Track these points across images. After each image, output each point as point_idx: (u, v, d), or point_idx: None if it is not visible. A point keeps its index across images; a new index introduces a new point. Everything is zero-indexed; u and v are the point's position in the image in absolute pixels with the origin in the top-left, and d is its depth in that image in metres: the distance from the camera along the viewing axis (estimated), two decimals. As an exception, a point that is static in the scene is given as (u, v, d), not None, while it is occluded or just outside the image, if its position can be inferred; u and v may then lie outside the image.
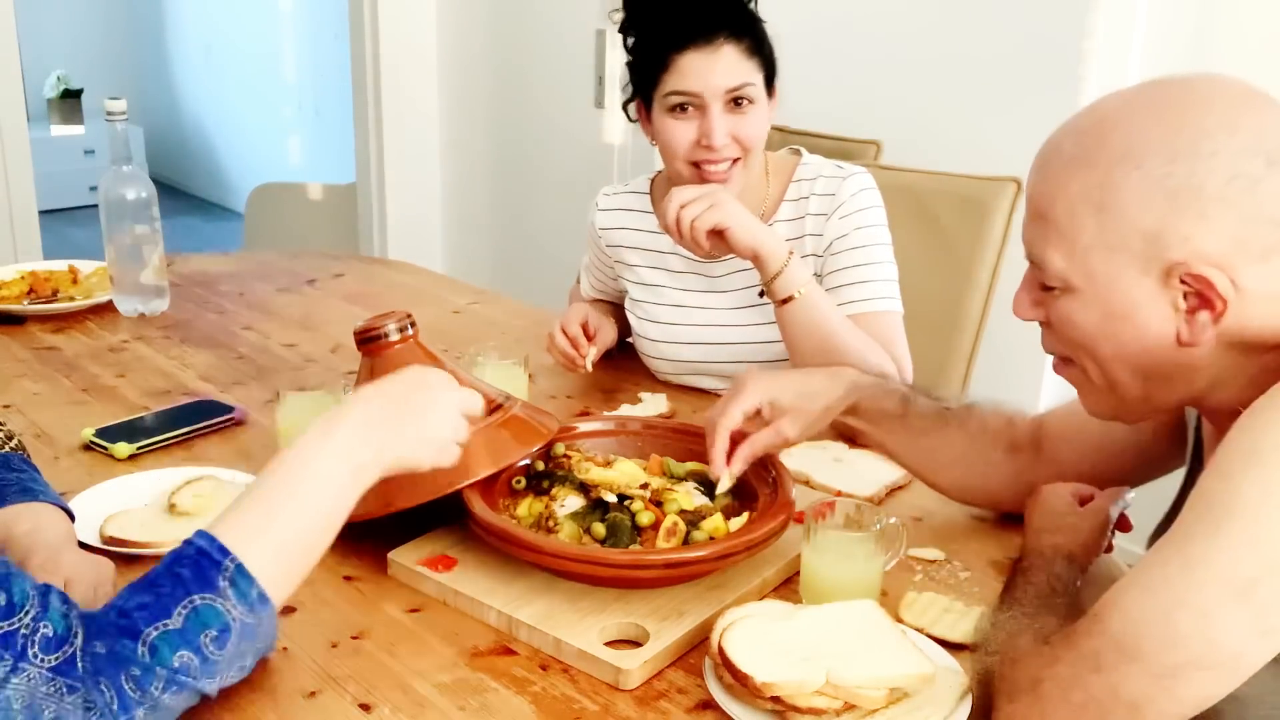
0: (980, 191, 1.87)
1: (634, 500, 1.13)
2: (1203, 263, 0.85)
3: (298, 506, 0.91)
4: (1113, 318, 0.91)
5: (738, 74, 1.49)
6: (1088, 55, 2.39)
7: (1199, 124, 0.86)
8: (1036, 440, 1.23)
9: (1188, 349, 0.89)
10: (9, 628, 0.77)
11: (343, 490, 0.94)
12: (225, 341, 1.87)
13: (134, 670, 0.80)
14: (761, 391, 1.19)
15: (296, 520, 0.91)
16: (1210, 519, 0.81)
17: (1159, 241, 0.86)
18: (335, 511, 0.94)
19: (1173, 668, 0.80)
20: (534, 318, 2.02)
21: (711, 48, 1.48)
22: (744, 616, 0.99)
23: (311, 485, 0.93)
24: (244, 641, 0.86)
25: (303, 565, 0.92)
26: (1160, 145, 0.86)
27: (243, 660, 0.88)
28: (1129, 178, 0.86)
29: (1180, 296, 0.88)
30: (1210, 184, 0.84)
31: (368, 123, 3.63)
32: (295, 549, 0.91)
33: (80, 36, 6.68)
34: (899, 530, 1.15)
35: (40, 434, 1.48)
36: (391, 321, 1.20)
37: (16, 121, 3.22)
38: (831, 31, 2.65)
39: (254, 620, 0.86)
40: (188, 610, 0.83)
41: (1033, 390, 2.49)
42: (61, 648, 0.79)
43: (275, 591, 0.88)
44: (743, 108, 1.51)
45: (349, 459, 0.95)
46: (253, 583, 0.86)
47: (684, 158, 1.54)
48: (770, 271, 1.46)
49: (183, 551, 0.86)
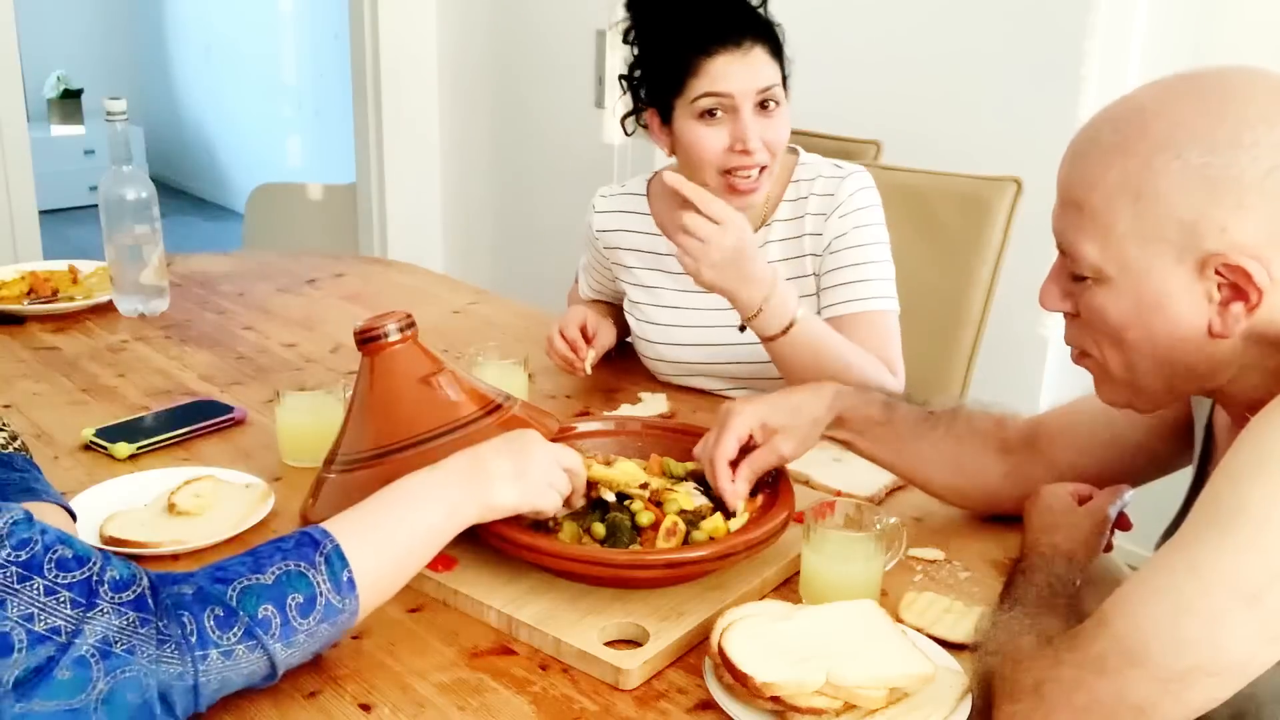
0: (980, 191, 1.87)
1: (634, 500, 1.13)
2: (1240, 254, 0.85)
3: (397, 520, 0.98)
4: (1145, 308, 0.90)
5: (767, 74, 1.49)
6: (1088, 55, 2.39)
7: (1240, 114, 0.85)
8: (1030, 441, 1.23)
9: (1217, 340, 0.89)
10: (83, 575, 0.82)
11: (437, 522, 1.00)
12: (225, 341, 1.87)
13: (218, 610, 0.86)
14: (750, 416, 1.19)
15: (395, 533, 0.97)
16: (1217, 524, 0.81)
17: (1195, 231, 0.86)
18: (430, 538, 1.00)
19: (1179, 673, 0.80)
20: (534, 318, 2.02)
21: (742, 50, 1.47)
22: (744, 616, 0.99)
23: (412, 508, 1.00)
24: (324, 622, 0.91)
25: (392, 575, 0.97)
26: (1201, 135, 0.85)
27: (315, 643, 0.92)
28: (1169, 166, 0.86)
29: (1215, 287, 0.88)
30: (1249, 175, 0.84)
31: (368, 123, 3.63)
32: (388, 557, 0.97)
33: (80, 36, 6.67)
34: (899, 530, 1.16)
35: (40, 434, 1.48)
36: (391, 321, 1.20)
37: (16, 121, 3.22)
38: (831, 31, 2.64)
39: (339, 603, 0.91)
40: (280, 572, 0.89)
41: (1033, 390, 2.50)
42: (130, 586, 0.84)
43: (364, 588, 0.93)
44: (770, 110, 1.51)
45: (445, 497, 1.01)
46: (346, 565, 0.91)
47: (716, 165, 1.52)
48: (744, 316, 1.44)
49: (292, 533, 0.94)
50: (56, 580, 0.80)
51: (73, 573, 0.81)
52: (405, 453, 1.15)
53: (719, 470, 1.17)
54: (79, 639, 0.79)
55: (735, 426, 1.18)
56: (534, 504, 1.06)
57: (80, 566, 0.82)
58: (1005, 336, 2.10)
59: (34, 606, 0.78)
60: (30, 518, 0.83)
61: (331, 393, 1.42)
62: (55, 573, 0.81)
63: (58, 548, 0.82)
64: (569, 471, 1.10)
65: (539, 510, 1.07)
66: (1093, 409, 1.18)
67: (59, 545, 0.82)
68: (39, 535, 0.82)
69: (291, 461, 1.41)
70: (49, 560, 0.81)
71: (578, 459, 1.13)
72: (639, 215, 1.71)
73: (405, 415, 1.17)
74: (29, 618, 0.78)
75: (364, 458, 1.17)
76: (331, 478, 1.21)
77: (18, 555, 0.79)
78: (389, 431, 1.17)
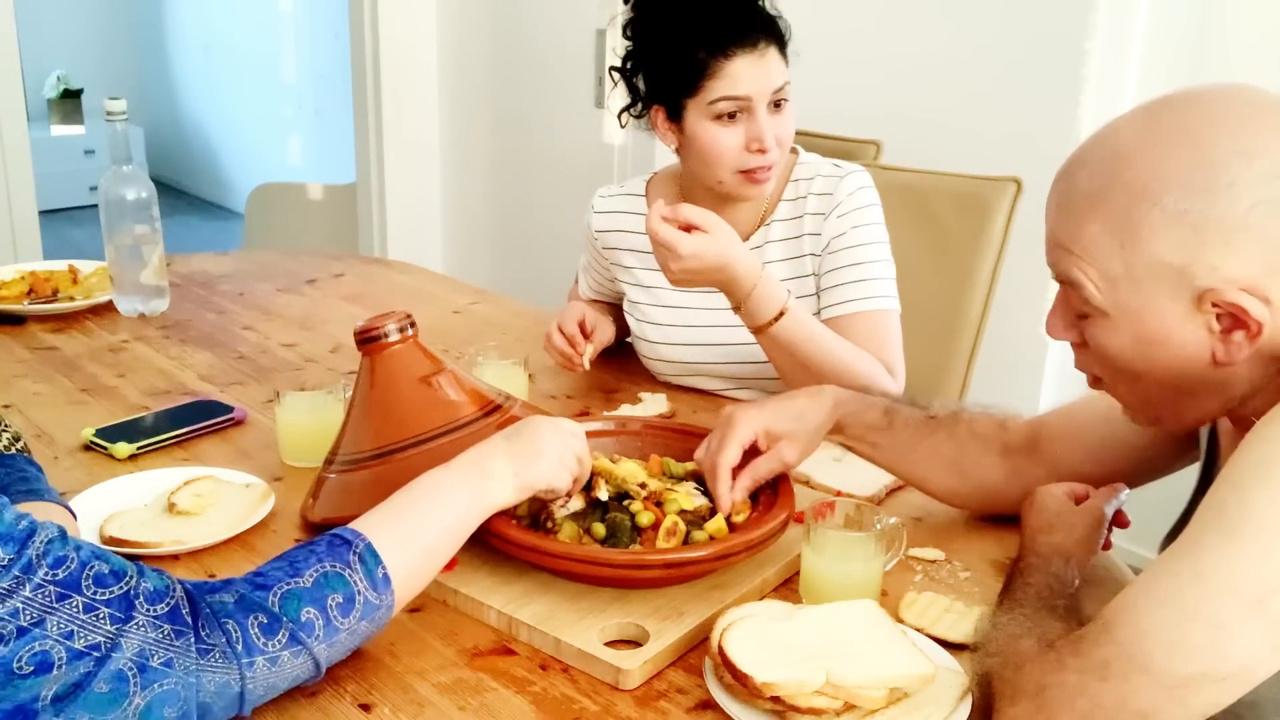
0: (980, 191, 1.87)
1: (634, 500, 1.13)
2: (1233, 289, 0.85)
3: (423, 514, 0.99)
4: (1146, 343, 0.90)
5: (780, 74, 1.51)
6: (1088, 55, 2.39)
7: (1214, 154, 0.84)
8: (1032, 443, 1.23)
9: (1223, 368, 0.89)
10: (121, 590, 0.82)
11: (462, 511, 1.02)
12: (225, 341, 1.87)
13: (262, 616, 0.87)
14: (753, 423, 1.19)
15: (421, 526, 0.98)
16: (1221, 529, 0.81)
17: (1187, 272, 0.86)
18: (456, 528, 1.01)
19: (1184, 679, 0.79)
20: (534, 318, 2.02)
21: (758, 51, 1.48)
22: (744, 616, 0.99)
23: (437, 500, 1.01)
24: (365, 619, 0.92)
25: (424, 567, 0.99)
26: (1177, 181, 0.85)
27: (355, 640, 0.93)
28: (1149, 215, 0.86)
29: (1214, 319, 0.87)
30: (1231, 215, 0.84)
31: (368, 123, 3.63)
32: (418, 550, 0.98)
33: (80, 36, 6.67)
34: (899, 530, 1.15)
35: (40, 434, 1.48)
36: (391, 321, 1.20)
37: (16, 121, 3.22)
38: (831, 31, 2.64)
39: (376, 600, 0.92)
40: (318, 574, 0.90)
41: (1033, 390, 2.50)
42: (165, 599, 0.84)
43: (398, 584, 0.94)
44: (781, 109, 1.52)
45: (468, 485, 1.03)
46: (380, 562, 0.93)
47: (734, 166, 1.52)
48: (732, 304, 1.45)
49: (321, 536, 0.95)
50: (95, 597, 0.80)
51: (110, 588, 0.81)
52: (405, 453, 1.15)
53: (720, 476, 1.17)
54: (116, 653, 0.79)
55: (739, 433, 1.18)
56: (550, 483, 1.08)
57: (118, 581, 0.82)
58: (1005, 337, 2.10)
59: (74, 624, 0.78)
60: (64, 534, 0.83)
61: (331, 393, 1.42)
62: (94, 589, 0.80)
63: (94, 563, 0.82)
64: (578, 458, 1.12)
65: (554, 489, 1.09)
66: (1093, 410, 1.18)
67: (95, 561, 0.82)
68: (74, 552, 0.82)
69: (291, 461, 1.41)
70: (86, 577, 0.81)
71: (585, 445, 1.13)
72: (638, 215, 1.70)
73: (405, 415, 1.17)
74: (69, 635, 0.78)
75: (364, 458, 1.17)
76: (331, 478, 1.21)
77: (55, 574, 0.79)
78: (389, 431, 1.17)
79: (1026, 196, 1.84)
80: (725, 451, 1.17)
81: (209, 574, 1.15)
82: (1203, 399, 0.93)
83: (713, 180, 1.55)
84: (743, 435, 1.18)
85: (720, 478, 1.17)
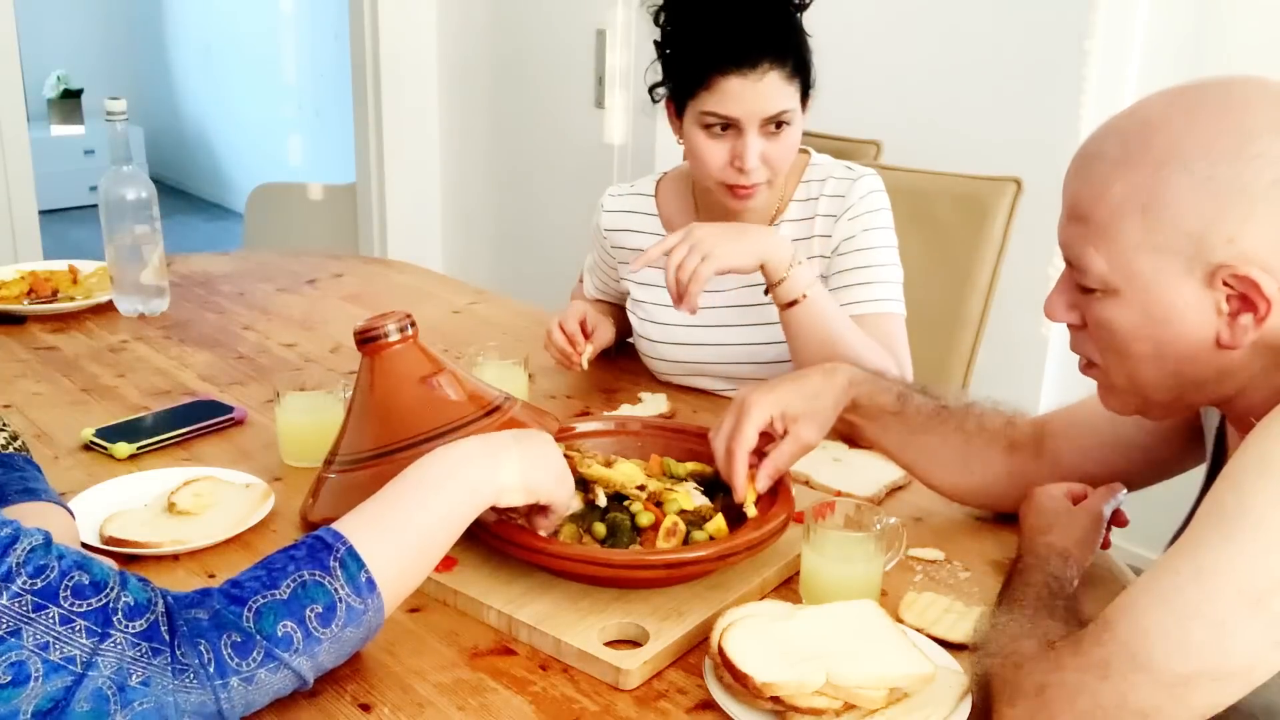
0: (980, 191, 1.87)
1: (633, 501, 1.13)
2: (1248, 264, 0.85)
3: (411, 511, 0.95)
4: (1153, 320, 0.90)
5: (778, 102, 1.47)
6: (1088, 55, 2.39)
7: (1245, 125, 0.85)
8: (1037, 441, 1.23)
9: (1225, 352, 0.89)
10: (99, 603, 0.80)
11: (454, 506, 0.97)
12: (225, 341, 1.87)
13: (235, 636, 0.84)
14: (770, 404, 1.18)
15: (409, 523, 0.94)
16: (1222, 528, 0.81)
17: (1203, 242, 0.86)
18: (447, 523, 0.97)
19: (1185, 677, 0.79)
20: (534, 318, 2.02)
21: (756, 74, 1.44)
22: (744, 616, 0.99)
23: (427, 495, 0.96)
24: (349, 626, 0.88)
25: (414, 565, 0.95)
26: (1207, 146, 0.86)
27: (343, 647, 0.90)
28: (1175, 178, 0.86)
29: (1223, 299, 0.88)
30: (1256, 185, 0.84)
31: (368, 123, 3.63)
32: (406, 548, 0.94)
33: (80, 36, 6.68)
34: (899, 530, 1.15)
35: (40, 434, 1.48)
36: (391, 321, 1.20)
37: (16, 121, 3.22)
38: (831, 31, 2.64)
39: (361, 605, 0.89)
40: (295, 584, 0.87)
41: (1033, 390, 2.50)
42: (144, 614, 0.82)
43: (386, 583, 0.91)
44: (779, 131, 1.50)
45: (462, 478, 0.98)
46: (362, 566, 0.89)
47: (717, 177, 1.52)
48: (775, 278, 1.45)
49: (303, 538, 0.91)
50: (72, 609, 0.79)
51: (89, 600, 0.80)
52: (405, 453, 1.15)
53: (736, 460, 1.15)
54: (93, 671, 0.78)
55: (755, 416, 1.17)
56: (552, 495, 1.05)
57: (97, 594, 0.80)
58: (1005, 336, 2.10)
59: (49, 635, 0.77)
60: (49, 541, 0.82)
61: (331, 393, 1.42)
62: (71, 600, 0.79)
63: (74, 573, 0.80)
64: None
65: (553, 501, 1.05)
66: (1097, 410, 1.18)
67: (76, 571, 0.81)
68: (55, 561, 0.80)
69: (291, 461, 1.41)
70: (65, 588, 0.79)
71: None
72: (646, 216, 1.71)
73: (405, 415, 1.17)
74: (44, 646, 0.77)
75: (364, 458, 1.17)
76: (331, 478, 1.21)
77: (33, 584, 0.78)
78: (389, 431, 1.17)
79: (1026, 197, 1.84)
80: (741, 435, 1.16)
81: (209, 574, 1.15)
82: (1197, 388, 0.93)
83: (700, 188, 1.56)
84: (759, 418, 1.17)
85: (738, 463, 1.15)
